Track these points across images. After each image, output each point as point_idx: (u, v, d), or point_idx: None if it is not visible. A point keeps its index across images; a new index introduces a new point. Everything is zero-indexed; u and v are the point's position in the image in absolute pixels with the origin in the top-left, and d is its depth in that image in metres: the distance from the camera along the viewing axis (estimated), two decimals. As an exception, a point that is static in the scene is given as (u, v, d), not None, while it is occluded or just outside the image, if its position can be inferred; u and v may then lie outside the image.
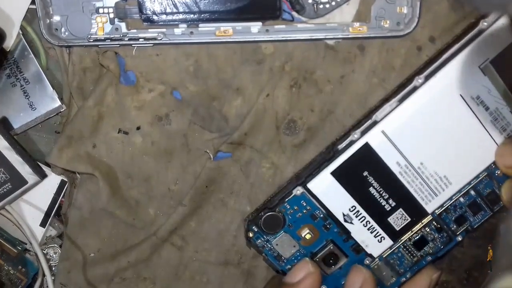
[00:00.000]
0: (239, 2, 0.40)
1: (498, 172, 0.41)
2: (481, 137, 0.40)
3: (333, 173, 0.40)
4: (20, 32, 0.43)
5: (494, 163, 0.41)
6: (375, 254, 0.42)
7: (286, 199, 0.40)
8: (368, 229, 0.41)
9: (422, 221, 0.42)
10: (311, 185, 0.40)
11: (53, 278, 0.46)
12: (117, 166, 0.44)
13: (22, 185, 0.44)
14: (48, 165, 0.45)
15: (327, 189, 0.40)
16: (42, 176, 0.45)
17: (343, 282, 0.42)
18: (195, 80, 0.42)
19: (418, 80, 0.39)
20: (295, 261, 0.42)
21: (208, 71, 0.42)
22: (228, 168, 0.44)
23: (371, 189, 0.40)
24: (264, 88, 0.42)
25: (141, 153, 0.44)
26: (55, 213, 0.46)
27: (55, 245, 0.47)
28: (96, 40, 0.41)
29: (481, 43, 0.38)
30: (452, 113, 0.39)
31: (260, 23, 0.41)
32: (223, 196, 0.44)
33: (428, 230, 0.42)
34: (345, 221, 0.41)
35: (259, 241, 0.41)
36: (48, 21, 0.41)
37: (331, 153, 0.39)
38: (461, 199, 0.41)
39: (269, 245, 0.41)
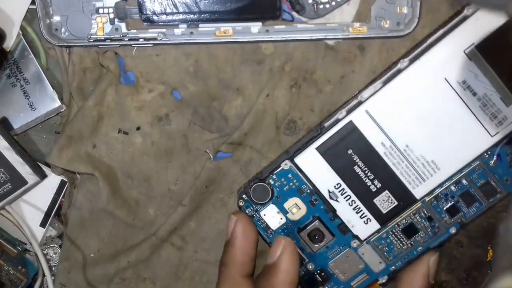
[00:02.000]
0: (239, 2, 0.40)
1: (492, 162, 0.40)
2: (470, 124, 0.39)
3: (318, 149, 0.40)
4: (20, 32, 0.43)
5: (487, 152, 0.40)
6: (362, 236, 0.42)
7: (275, 172, 0.41)
8: (354, 209, 0.41)
9: (411, 207, 0.41)
10: (298, 159, 0.40)
11: (53, 278, 0.46)
12: (117, 166, 0.44)
13: (22, 185, 0.44)
14: (48, 165, 0.45)
15: (313, 164, 0.40)
16: (42, 176, 0.45)
17: (329, 262, 0.42)
18: (195, 80, 0.42)
19: (403, 63, 0.39)
20: (282, 234, 0.42)
21: (208, 71, 0.42)
22: (228, 168, 0.44)
23: (356, 167, 0.40)
24: (264, 88, 0.42)
25: (141, 153, 0.44)
26: (55, 213, 0.46)
27: (55, 245, 0.47)
28: (96, 40, 0.41)
29: (466, 28, 0.38)
30: (438, 97, 0.39)
31: (260, 23, 0.41)
32: (223, 196, 0.44)
33: (418, 218, 0.41)
34: (331, 198, 0.41)
35: (248, 210, 0.42)
36: (48, 21, 0.41)
37: (318, 130, 0.40)
38: (452, 188, 0.41)
39: (258, 215, 0.42)
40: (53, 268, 0.47)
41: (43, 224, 0.46)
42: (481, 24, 0.38)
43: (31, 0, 0.42)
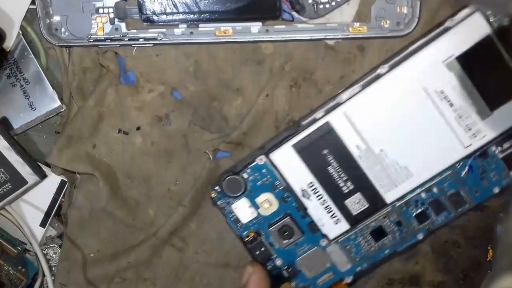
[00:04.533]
0: (239, 2, 0.40)
1: (464, 173, 0.41)
2: (445, 134, 0.40)
3: (294, 146, 0.40)
4: (20, 32, 0.43)
5: (459, 162, 0.40)
6: (331, 236, 0.42)
7: (249, 166, 0.41)
8: (325, 209, 0.41)
9: (382, 211, 0.41)
10: (273, 156, 0.40)
11: (53, 278, 0.46)
12: (117, 166, 0.44)
13: (22, 185, 0.44)
14: (48, 165, 0.45)
15: (288, 161, 0.40)
16: (42, 176, 0.45)
17: (296, 259, 0.43)
18: (195, 80, 0.42)
19: (383, 68, 0.39)
20: (252, 228, 0.42)
21: (208, 71, 0.42)
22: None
23: (329, 168, 0.40)
24: (264, 88, 0.42)
25: (141, 153, 0.44)
26: (55, 213, 0.46)
27: (55, 245, 0.47)
28: (96, 40, 0.41)
29: (447, 40, 0.38)
30: (415, 105, 0.39)
31: (260, 23, 0.41)
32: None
33: (387, 222, 0.42)
34: (303, 196, 0.41)
35: (220, 202, 0.42)
36: (48, 21, 0.41)
37: (295, 128, 0.40)
38: (423, 195, 0.41)
39: (229, 208, 0.42)
40: (53, 268, 0.47)
41: (43, 224, 0.46)
42: (462, 36, 0.38)
43: (31, 0, 0.42)
